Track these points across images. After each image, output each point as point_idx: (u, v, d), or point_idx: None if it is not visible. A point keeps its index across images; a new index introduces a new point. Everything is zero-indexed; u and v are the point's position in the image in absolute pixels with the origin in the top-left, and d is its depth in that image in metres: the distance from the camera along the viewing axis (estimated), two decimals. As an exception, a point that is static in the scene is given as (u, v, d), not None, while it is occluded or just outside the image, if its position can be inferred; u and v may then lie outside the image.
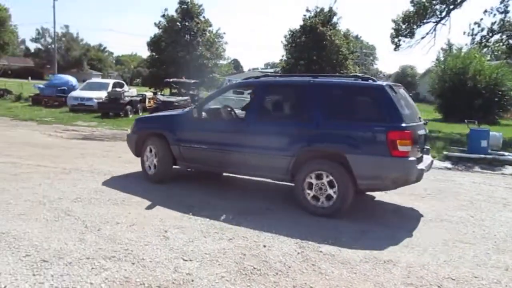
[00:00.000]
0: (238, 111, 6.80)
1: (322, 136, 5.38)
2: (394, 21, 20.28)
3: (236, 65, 79.22)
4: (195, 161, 6.54)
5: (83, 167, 7.63)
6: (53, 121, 15.38)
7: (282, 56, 29.86)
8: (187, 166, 6.83)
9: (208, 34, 28.08)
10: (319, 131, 5.39)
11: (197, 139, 6.37)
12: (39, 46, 76.21)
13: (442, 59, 29.36)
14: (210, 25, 28.47)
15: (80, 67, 71.26)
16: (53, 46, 56.98)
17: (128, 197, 5.78)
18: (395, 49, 20.55)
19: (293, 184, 5.66)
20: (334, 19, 27.18)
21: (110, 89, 19.47)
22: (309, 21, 27.34)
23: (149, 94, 22.17)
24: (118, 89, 19.03)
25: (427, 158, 5.86)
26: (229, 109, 6.66)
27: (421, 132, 5.57)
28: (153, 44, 28.14)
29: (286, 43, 28.29)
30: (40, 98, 20.84)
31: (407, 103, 5.57)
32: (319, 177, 5.31)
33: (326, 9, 27.16)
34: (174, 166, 6.75)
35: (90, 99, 18.66)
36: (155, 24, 27.13)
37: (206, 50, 27.10)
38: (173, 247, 4.08)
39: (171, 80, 19.73)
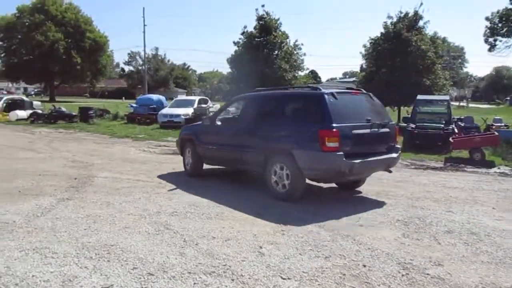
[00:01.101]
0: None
1: (278, 136, 6.68)
2: (488, 19, 18.67)
3: (313, 76, 78.81)
4: (211, 159, 8.33)
5: (176, 181, 7.98)
6: (146, 138, 16.45)
7: (362, 65, 28.99)
8: (208, 163, 8.48)
9: (285, 47, 28.26)
10: (276, 132, 6.73)
11: (209, 141, 8.17)
12: (131, 68, 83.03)
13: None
14: (287, 37, 28.65)
15: (167, 85, 76.04)
16: (143, 67, 61.62)
17: (220, 212, 5.90)
18: (489, 50, 18.90)
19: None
20: (420, 23, 25.78)
21: (196, 105, 20.39)
22: (391, 27, 26.24)
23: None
24: (203, 105, 19.88)
25: (387, 155, 6.69)
26: (228, 117, 8.38)
27: (364, 131, 6.30)
28: (233, 60, 29.02)
29: (365, 52, 27.42)
30: (134, 116, 22.49)
31: (354, 107, 6.57)
32: (279, 168, 6.56)
33: (411, 13, 25.87)
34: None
35: (178, 115, 19.70)
36: (234, 43, 28.01)
37: (284, 63, 27.27)
38: (269, 264, 4.04)
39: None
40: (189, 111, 19.51)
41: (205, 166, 8.61)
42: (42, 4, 51.41)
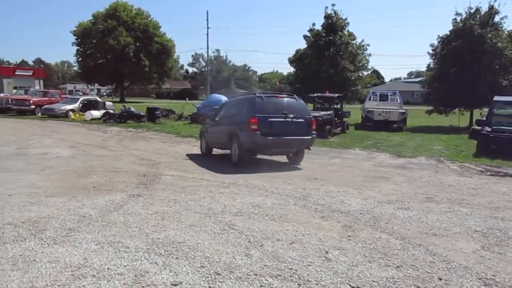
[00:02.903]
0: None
1: (233, 124, 10.23)
2: None
3: (377, 76, 76.42)
4: (211, 143, 11.72)
5: (239, 181, 8.05)
6: (209, 137, 16.81)
7: (429, 64, 27.54)
8: (211, 147, 11.85)
9: (350, 48, 27.60)
10: (234, 121, 10.29)
11: (210, 131, 11.72)
12: (194, 69, 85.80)
13: None
14: (354, 38, 27.98)
15: (228, 86, 77.62)
16: (206, 69, 63.35)
17: (284, 214, 5.84)
18: None
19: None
20: (496, 19, 23.98)
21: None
22: (461, 24, 24.67)
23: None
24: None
25: (300, 137, 9.80)
26: (221, 114, 11.59)
27: (279, 120, 9.55)
28: (297, 60, 28.91)
29: (433, 51, 25.99)
30: (197, 116, 23.07)
31: (276, 104, 9.90)
32: (235, 144, 9.89)
33: (485, 8, 24.16)
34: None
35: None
36: (304, 36, 27.71)
37: (349, 63, 26.64)
38: (337, 270, 3.91)
39: (315, 95, 19.89)
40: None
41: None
42: (114, 11, 54.64)
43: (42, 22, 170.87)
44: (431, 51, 26.05)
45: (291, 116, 9.66)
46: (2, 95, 30.58)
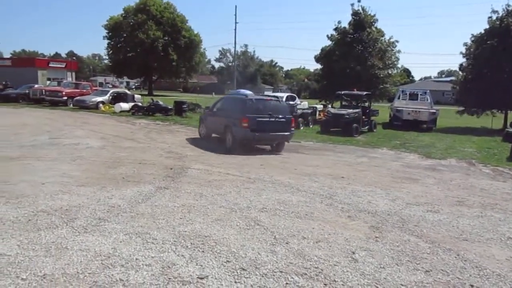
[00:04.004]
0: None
1: (228, 118, 12.08)
2: None
3: (407, 75, 74.75)
4: (209, 129, 13.79)
5: (265, 177, 8.05)
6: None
7: (462, 64, 26.67)
8: (208, 132, 13.88)
9: (379, 45, 26.98)
10: (227, 115, 12.25)
11: (208, 120, 13.95)
12: (221, 64, 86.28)
13: None
14: (383, 35, 27.34)
15: (255, 82, 77.61)
16: (233, 64, 63.48)
17: (310, 212, 5.81)
18: None
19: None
20: (535, 17, 22.95)
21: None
22: (497, 22, 23.74)
23: (319, 106, 22.54)
24: (290, 102, 19.84)
25: (281, 133, 11.84)
26: (217, 107, 13.74)
27: (264, 119, 11.47)
28: (324, 57, 28.50)
29: (466, 51, 25.13)
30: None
31: (263, 106, 11.88)
32: (229, 134, 11.92)
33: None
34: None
35: (265, 112, 19.90)
36: (327, 37, 27.39)
37: (378, 60, 26.05)
38: (364, 271, 3.86)
39: (342, 92, 19.64)
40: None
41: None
42: (144, 5, 55.40)
43: (75, 16, 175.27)
44: (464, 50, 25.24)
45: (275, 116, 11.72)
46: (36, 86, 31.51)
